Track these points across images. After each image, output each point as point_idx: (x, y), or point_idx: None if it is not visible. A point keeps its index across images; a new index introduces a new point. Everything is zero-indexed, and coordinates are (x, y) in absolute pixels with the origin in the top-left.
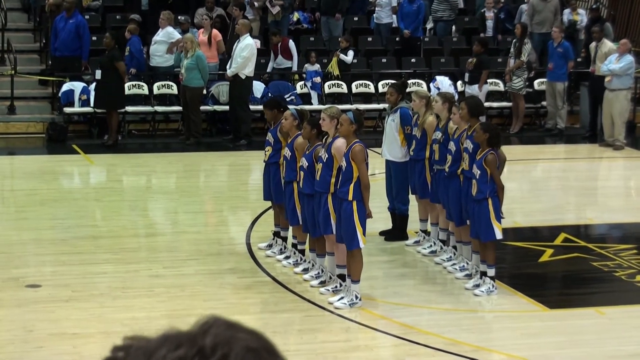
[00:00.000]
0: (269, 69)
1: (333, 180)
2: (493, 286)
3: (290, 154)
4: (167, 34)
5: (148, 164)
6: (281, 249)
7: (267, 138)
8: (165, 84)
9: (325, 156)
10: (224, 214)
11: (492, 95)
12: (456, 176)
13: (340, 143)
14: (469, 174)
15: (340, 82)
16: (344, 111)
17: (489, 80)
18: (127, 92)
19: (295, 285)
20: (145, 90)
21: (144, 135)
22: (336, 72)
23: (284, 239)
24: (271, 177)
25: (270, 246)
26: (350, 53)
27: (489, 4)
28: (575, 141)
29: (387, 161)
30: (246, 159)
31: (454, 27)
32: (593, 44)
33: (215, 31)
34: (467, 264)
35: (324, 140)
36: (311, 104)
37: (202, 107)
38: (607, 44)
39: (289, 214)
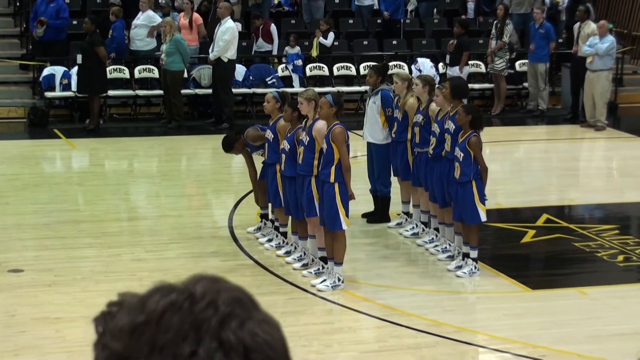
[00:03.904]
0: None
1: (316, 162)
2: (475, 267)
3: (272, 136)
4: (148, 17)
5: (130, 148)
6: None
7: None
8: (146, 68)
9: (307, 139)
10: (206, 197)
11: (473, 77)
12: (440, 158)
13: (321, 125)
14: (450, 155)
15: (321, 65)
16: (323, 94)
17: (470, 62)
18: (108, 76)
19: (278, 268)
20: (127, 74)
21: (125, 119)
22: (314, 53)
23: (273, 222)
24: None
25: (259, 229)
26: (331, 36)
27: None
28: (557, 122)
29: (369, 143)
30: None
31: (435, 9)
32: (577, 25)
33: (196, 15)
34: (450, 245)
35: (304, 123)
36: (293, 86)
37: (183, 91)
38: (591, 25)
39: (271, 196)
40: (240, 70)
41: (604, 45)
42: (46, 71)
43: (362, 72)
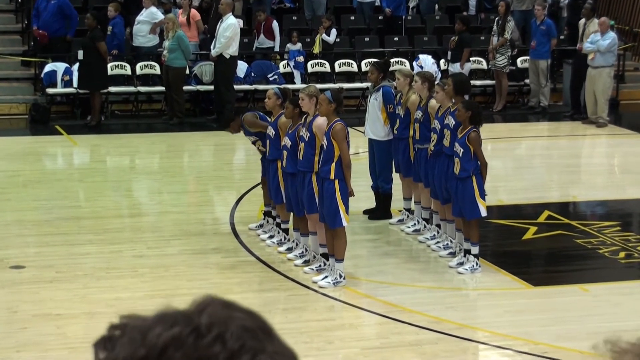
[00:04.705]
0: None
1: (316, 158)
2: (477, 264)
3: (274, 132)
4: (150, 14)
5: (131, 145)
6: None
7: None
8: (148, 64)
9: (307, 135)
10: (207, 193)
11: (475, 74)
12: (442, 154)
13: (321, 121)
14: (450, 151)
15: (323, 61)
16: (323, 90)
17: (471, 59)
18: (109, 72)
19: (280, 265)
20: (128, 71)
21: (127, 115)
22: (317, 50)
23: (274, 218)
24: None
25: (261, 226)
26: (333, 32)
27: None
28: (559, 119)
29: (370, 140)
30: (230, 139)
31: (436, 6)
32: (582, 21)
33: (193, 11)
34: (451, 242)
35: (303, 119)
36: (294, 83)
37: (185, 87)
38: (596, 23)
39: (273, 193)
40: (241, 67)
41: (606, 42)
42: (48, 68)
43: (363, 68)
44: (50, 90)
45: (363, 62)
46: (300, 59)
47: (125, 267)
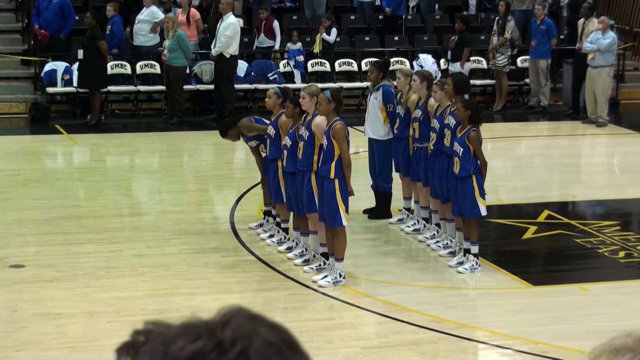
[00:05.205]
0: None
1: (316, 158)
2: (476, 263)
3: (274, 131)
4: (151, 13)
5: (131, 144)
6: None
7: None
8: (148, 64)
9: (307, 134)
10: (207, 193)
11: (475, 73)
12: (441, 153)
13: (320, 120)
14: (449, 150)
15: (323, 61)
16: (323, 90)
17: (471, 58)
18: (109, 71)
19: (279, 264)
20: (128, 70)
21: (127, 114)
22: (317, 49)
23: (274, 217)
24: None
25: (261, 225)
26: (334, 32)
27: None
28: (558, 118)
29: (370, 139)
30: None
31: (437, 5)
32: (581, 21)
33: (193, 10)
34: (451, 241)
35: (303, 118)
36: (294, 82)
37: (185, 87)
38: (595, 22)
39: (273, 192)
40: (241, 66)
41: (605, 41)
42: (48, 67)
43: (363, 68)
44: (50, 90)
45: (363, 62)
46: (301, 58)
47: (125, 267)
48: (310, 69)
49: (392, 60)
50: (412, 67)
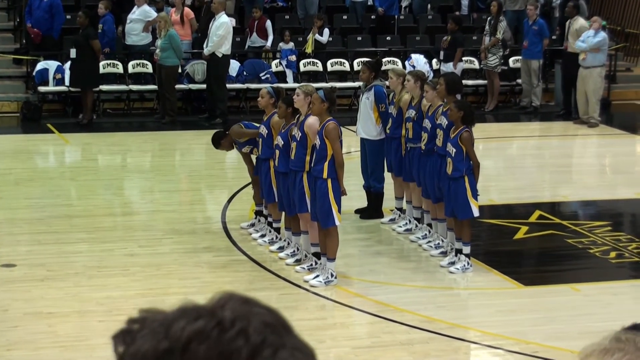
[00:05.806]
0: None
1: (308, 158)
2: (468, 263)
3: (266, 131)
4: (143, 12)
5: (123, 143)
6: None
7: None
8: (140, 63)
9: (299, 135)
10: (199, 192)
11: (467, 73)
12: (433, 153)
13: (312, 120)
14: (442, 151)
15: (315, 61)
16: (317, 89)
17: (464, 58)
18: (102, 70)
19: (271, 264)
20: (120, 69)
21: (119, 114)
22: (309, 49)
23: (266, 217)
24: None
25: (252, 225)
26: (326, 32)
27: None
28: (550, 119)
29: (362, 139)
30: None
31: (429, 5)
32: (568, 21)
33: (187, 9)
34: (442, 241)
35: (296, 119)
36: (286, 82)
37: (177, 86)
38: (580, 21)
39: (265, 192)
40: (234, 66)
41: (595, 40)
42: (40, 66)
43: (355, 67)
44: (42, 89)
45: (355, 62)
46: (293, 58)
47: (117, 266)
48: (302, 68)
49: (384, 60)
50: (404, 67)
